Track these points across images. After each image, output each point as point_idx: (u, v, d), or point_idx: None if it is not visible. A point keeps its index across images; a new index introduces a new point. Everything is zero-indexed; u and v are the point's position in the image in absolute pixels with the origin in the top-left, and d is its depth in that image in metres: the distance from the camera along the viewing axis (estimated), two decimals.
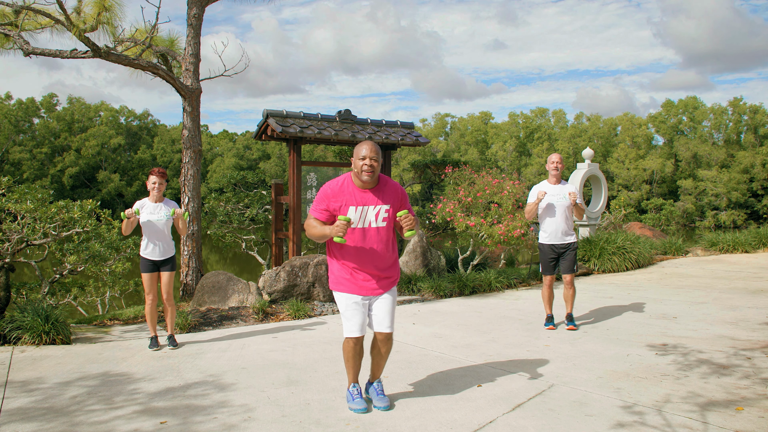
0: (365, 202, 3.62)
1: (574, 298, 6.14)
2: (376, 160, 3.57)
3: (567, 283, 6.09)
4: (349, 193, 3.62)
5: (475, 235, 8.70)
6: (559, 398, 3.94)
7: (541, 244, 6.14)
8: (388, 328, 3.76)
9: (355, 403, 3.75)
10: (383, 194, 3.67)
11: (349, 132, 8.47)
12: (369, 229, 3.65)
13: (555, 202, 5.95)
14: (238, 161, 66.98)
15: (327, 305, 7.43)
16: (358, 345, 3.76)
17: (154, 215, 5.50)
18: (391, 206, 3.68)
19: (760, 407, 3.68)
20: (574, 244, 6.06)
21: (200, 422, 3.60)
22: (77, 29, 7.10)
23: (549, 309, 6.19)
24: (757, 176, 52.13)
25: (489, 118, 72.27)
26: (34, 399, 4.06)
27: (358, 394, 3.82)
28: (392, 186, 3.74)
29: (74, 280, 8.94)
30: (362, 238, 3.65)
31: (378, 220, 3.65)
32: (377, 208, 3.64)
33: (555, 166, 6.00)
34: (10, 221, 6.64)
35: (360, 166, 3.57)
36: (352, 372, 3.85)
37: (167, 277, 5.58)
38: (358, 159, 3.59)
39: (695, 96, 60.11)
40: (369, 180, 3.58)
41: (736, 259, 11.69)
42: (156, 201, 5.58)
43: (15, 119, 62.89)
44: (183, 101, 8.42)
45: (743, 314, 6.58)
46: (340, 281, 3.74)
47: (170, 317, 5.67)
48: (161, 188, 5.58)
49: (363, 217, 3.63)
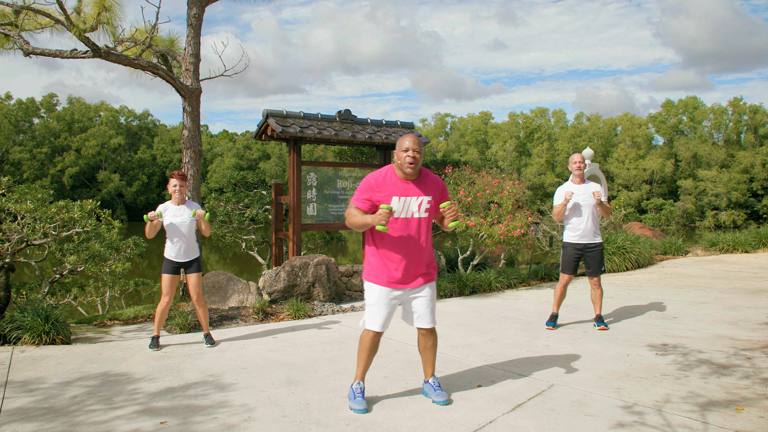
0: (408, 192, 3.69)
1: (602, 298, 6.11)
2: (419, 152, 3.65)
3: (595, 284, 6.06)
4: (392, 183, 3.69)
5: (475, 235, 8.70)
6: (559, 398, 3.94)
7: (566, 243, 6.09)
8: (430, 324, 3.84)
9: (356, 403, 3.76)
10: (425, 186, 3.75)
11: (349, 132, 8.47)
12: (411, 219, 3.71)
13: (581, 201, 5.93)
14: (238, 161, 67.00)
15: (327, 305, 7.43)
16: (376, 339, 3.81)
17: (177, 218, 5.52)
18: (433, 197, 3.76)
19: (760, 407, 3.68)
20: (601, 244, 6.05)
21: (200, 422, 3.60)
22: (77, 29, 7.10)
23: (557, 308, 6.16)
24: (757, 176, 52.13)
25: (489, 118, 72.27)
26: (34, 399, 4.06)
27: (360, 393, 3.82)
28: (433, 178, 3.82)
29: (74, 280, 8.94)
30: (404, 228, 3.71)
31: (420, 211, 3.72)
32: (420, 199, 3.71)
33: (578, 166, 5.98)
34: (10, 221, 6.63)
35: (403, 158, 3.64)
36: (362, 367, 3.86)
37: (195, 279, 5.60)
38: (401, 151, 3.66)
39: (695, 96, 60.14)
40: (412, 172, 3.66)
41: (736, 259, 11.69)
42: (178, 203, 5.59)
43: (15, 119, 62.88)
44: (183, 101, 8.42)
45: (743, 314, 6.58)
46: (376, 272, 3.76)
47: (203, 317, 5.68)
48: (182, 190, 5.58)
49: (406, 207, 3.69)
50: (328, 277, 7.73)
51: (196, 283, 5.61)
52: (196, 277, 5.61)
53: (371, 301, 3.78)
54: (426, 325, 3.84)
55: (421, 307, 3.82)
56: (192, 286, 5.60)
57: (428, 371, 4.00)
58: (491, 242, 8.34)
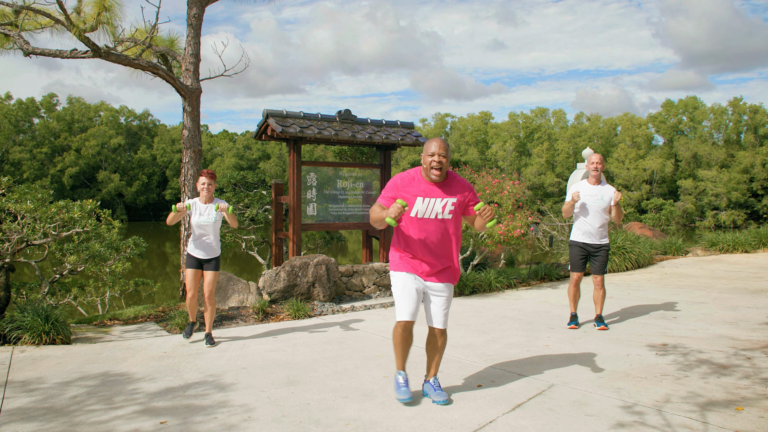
0: (433, 194, 3.73)
1: (604, 299, 6.13)
2: (445, 157, 3.68)
3: (597, 284, 6.08)
4: (418, 184, 3.75)
5: (475, 235, 8.69)
6: (559, 398, 3.94)
7: (572, 242, 6.13)
8: (442, 325, 3.89)
9: (401, 392, 3.83)
10: (451, 188, 3.78)
11: (349, 132, 8.47)
12: (435, 220, 3.74)
13: (591, 202, 5.94)
14: (238, 161, 67.01)
15: (327, 305, 7.43)
16: (407, 331, 3.83)
17: (203, 216, 5.61)
18: (458, 200, 3.78)
19: (760, 407, 3.68)
20: (607, 245, 6.05)
21: (200, 422, 3.60)
22: (77, 29, 7.10)
23: (574, 307, 6.18)
24: (757, 176, 52.13)
25: (489, 118, 72.27)
26: (34, 399, 4.05)
27: (404, 382, 3.87)
28: (460, 181, 3.84)
29: (74, 280, 8.94)
30: (427, 228, 3.74)
31: (444, 212, 3.75)
32: (444, 201, 3.74)
33: (595, 167, 6.01)
34: (10, 221, 6.63)
35: (429, 162, 3.68)
36: (401, 358, 3.91)
37: (211, 276, 5.69)
38: (428, 155, 3.70)
39: (695, 96, 60.17)
40: (437, 177, 3.70)
41: (736, 259, 11.69)
42: (206, 201, 5.65)
43: (15, 119, 62.88)
44: (183, 101, 8.42)
45: (743, 314, 6.58)
46: (399, 264, 3.84)
47: (209, 316, 5.74)
48: (211, 189, 5.64)
49: (430, 208, 3.73)
50: (328, 277, 7.73)
51: (212, 281, 5.69)
52: (212, 275, 5.70)
53: (396, 292, 3.83)
54: (440, 326, 3.89)
55: (437, 307, 3.87)
56: (207, 283, 5.70)
57: (431, 371, 4.02)
58: (491, 242, 8.33)
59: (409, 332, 3.85)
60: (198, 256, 5.68)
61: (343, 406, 3.84)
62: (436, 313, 3.89)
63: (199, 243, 5.66)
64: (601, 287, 6.09)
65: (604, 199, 5.93)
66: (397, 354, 3.92)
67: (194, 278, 5.70)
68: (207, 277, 5.70)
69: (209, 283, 5.69)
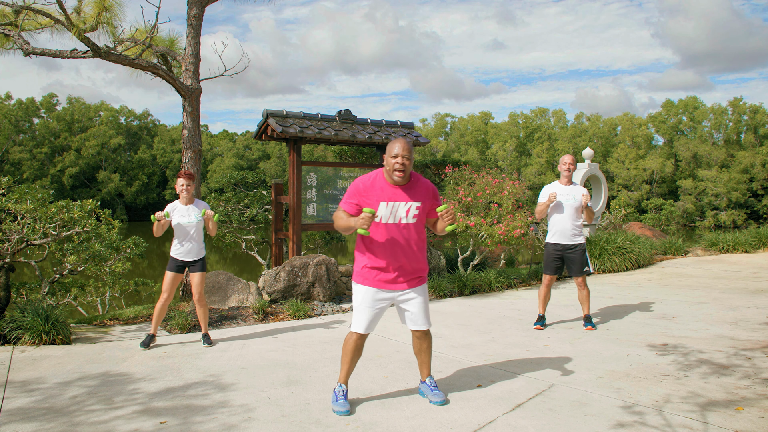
0: (396, 198, 3.66)
1: (589, 298, 6.13)
2: (408, 159, 3.62)
3: (579, 284, 6.09)
4: (381, 188, 3.67)
5: (475, 235, 8.69)
6: (559, 398, 3.94)
7: (547, 243, 6.16)
8: (424, 326, 3.83)
9: (338, 405, 3.73)
10: (414, 191, 3.71)
11: (349, 132, 8.47)
12: (399, 224, 3.68)
13: (564, 202, 5.97)
14: (238, 161, 66.99)
15: (327, 305, 7.43)
16: (360, 342, 3.79)
17: (184, 218, 5.54)
18: (422, 203, 3.72)
19: (760, 407, 3.68)
20: (581, 245, 6.06)
21: (200, 422, 3.60)
22: (77, 29, 7.10)
23: (542, 309, 6.20)
24: (757, 176, 52.13)
25: (489, 118, 72.28)
26: (34, 399, 4.05)
27: (342, 395, 3.79)
28: (423, 183, 3.78)
29: (74, 280, 8.94)
30: (393, 233, 3.68)
31: (408, 216, 3.69)
32: (408, 205, 3.67)
33: (567, 167, 6.02)
34: (10, 221, 6.63)
35: (392, 164, 3.62)
36: (346, 370, 3.84)
37: (198, 278, 5.63)
38: (390, 157, 3.63)
39: (695, 96, 60.16)
40: (400, 179, 3.63)
41: (736, 259, 11.69)
42: (186, 203, 5.60)
43: (15, 119, 62.88)
44: (183, 101, 8.42)
45: (743, 314, 6.58)
46: (363, 274, 3.75)
47: (203, 317, 5.69)
48: (190, 190, 5.59)
49: (394, 212, 3.66)
50: (328, 277, 7.73)
51: (200, 282, 5.64)
52: (199, 277, 5.64)
53: (356, 302, 3.77)
54: (420, 327, 3.83)
55: (414, 309, 3.80)
56: (195, 285, 5.64)
57: (424, 372, 4.00)
58: (491, 242, 8.33)
59: (361, 344, 3.80)
60: (182, 258, 5.58)
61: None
62: (414, 316, 3.81)
63: (182, 245, 5.57)
64: (584, 287, 6.09)
65: (576, 198, 5.95)
66: (344, 364, 3.83)
67: (172, 282, 5.58)
68: (194, 279, 5.62)
69: (197, 285, 5.62)
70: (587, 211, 5.98)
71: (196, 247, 5.63)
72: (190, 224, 5.54)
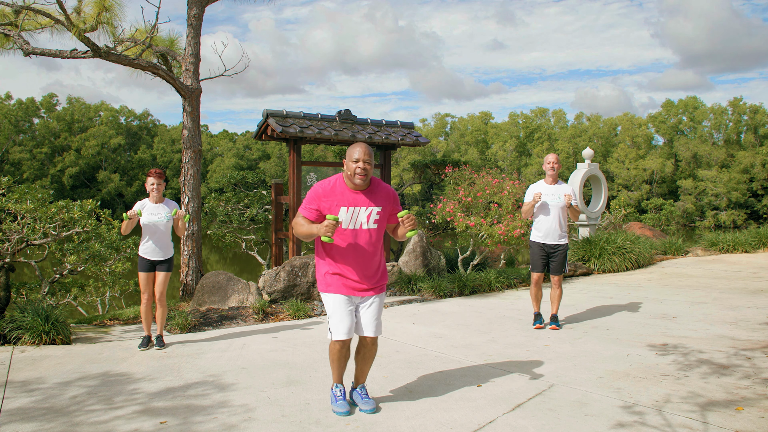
0: (357, 203, 3.59)
1: (560, 299, 6.18)
2: (369, 163, 3.55)
3: (555, 283, 6.13)
4: (341, 193, 3.59)
5: (475, 235, 8.70)
6: (559, 398, 3.94)
7: (532, 242, 6.17)
8: (374, 333, 3.72)
9: (338, 405, 3.72)
10: (375, 196, 3.65)
11: (349, 132, 8.47)
12: (360, 230, 3.62)
13: (550, 202, 5.97)
14: (238, 161, 66.97)
15: None
16: (345, 348, 3.70)
17: (154, 216, 5.52)
18: (383, 208, 3.66)
19: (760, 407, 3.68)
20: (565, 245, 6.08)
21: (200, 422, 3.60)
22: (77, 29, 7.10)
23: (537, 307, 6.23)
24: (757, 176, 52.14)
25: (489, 118, 72.29)
26: (34, 399, 4.06)
27: (341, 395, 3.78)
28: (384, 188, 3.72)
29: (74, 280, 8.94)
30: (352, 239, 3.61)
31: (369, 222, 3.62)
32: (369, 210, 3.61)
33: (552, 166, 6.03)
34: (10, 221, 6.64)
35: (353, 169, 3.54)
36: (337, 372, 3.81)
37: (162, 277, 5.59)
38: (351, 161, 3.56)
39: (695, 96, 60.16)
40: (362, 183, 3.57)
41: (736, 259, 11.69)
42: (156, 202, 5.60)
43: (15, 119, 62.90)
44: (183, 101, 8.42)
45: (743, 314, 6.58)
46: (329, 283, 3.67)
47: (161, 317, 5.65)
48: (160, 189, 5.60)
49: (354, 218, 3.59)
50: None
51: (163, 282, 5.59)
52: (164, 276, 5.59)
53: (330, 311, 3.67)
54: (372, 334, 3.72)
55: (368, 316, 3.70)
56: (158, 284, 5.59)
57: (360, 379, 3.89)
58: (491, 242, 8.33)
59: (347, 349, 3.72)
60: (150, 257, 5.55)
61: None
62: (367, 321, 3.71)
63: (150, 244, 5.53)
64: (558, 287, 6.12)
65: (561, 198, 5.95)
66: (334, 369, 3.79)
67: (148, 282, 5.56)
68: (159, 278, 5.58)
69: (161, 284, 5.58)
70: (572, 211, 5.98)
71: (164, 246, 5.59)
72: (159, 222, 5.51)
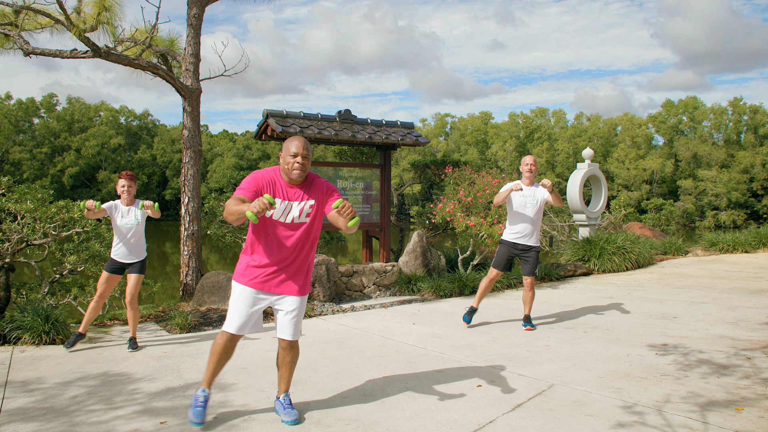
0: (291, 197, 3.52)
1: (532, 300, 6.15)
2: (307, 158, 3.48)
3: (527, 285, 6.09)
4: (277, 186, 3.52)
5: (475, 235, 8.70)
6: (559, 398, 3.94)
7: (503, 241, 6.14)
8: (293, 336, 3.60)
9: (194, 412, 3.50)
10: (309, 190, 3.57)
11: (349, 132, 8.47)
12: (291, 224, 3.53)
13: (527, 203, 5.96)
14: (238, 161, 67.01)
15: (327, 305, 7.43)
16: (231, 343, 3.55)
17: (124, 219, 5.46)
18: (316, 201, 3.57)
19: (760, 407, 3.68)
20: (537, 248, 6.06)
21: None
22: (77, 29, 7.10)
23: (477, 302, 6.22)
24: (757, 176, 52.16)
25: (489, 118, 72.33)
26: (34, 399, 4.06)
27: (203, 401, 3.55)
28: (319, 182, 3.62)
29: (74, 280, 8.93)
30: (282, 233, 3.53)
31: (302, 216, 3.54)
32: (302, 204, 3.53)
33: (529, 168, 5.99)
34: (10, 221, 6.64)
35: (291, 164, 3.46)
36: (211, 371, 3.59)
37: (134, 279, 5.52)
38: (289, 155, 3.46)
39: (695, 96, 60.24)
40: (298, 178, 3.50)
41: (736, 259, 11.69)
42: (127, 204, 5.52)
43: (15, 119, 62.93)
44: (183, 101, 8.42)
45: (743, 314, 6.58)
46: (245, 273, 3.54)
47: (133, 320, 5.57)
48: (131, 191, 5.50)
49: (287, 211, 3.51)
50: (328, 277, 7.73)
51: (135, 284, 5.53)
52: (136, 278, 5.53)
53: (231, 300, 3.54)
54: (288, 337, 3.60)
55: (288, 318, 3.58)
56: (130, 286, 5.53)
57: (282, 387, 3.74)
58: (491, 242, 8.33)
59: (232, 345, 3.56)
60: (121, 260, 5.49)
61: (343, 406, 3.83)
62: (284, 322, 3.58)
63: (122, 247, 5.48)
64: (531, 289, 6.09)
65: (537, 199, 5.94)
66: (210, 367, 3.58)
67: (107, 282, 5.48)
68: (130, 280, 5.52)
69: (132, 286, 5.51)
70: (554, 196, 5.84)
71: (136, 249, 5.54)
72: (130, 225, 5.45)
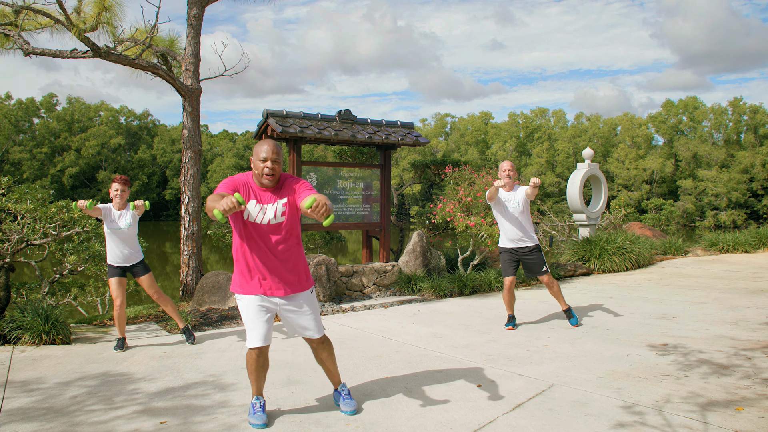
0: (264, 200, 3.52)
1: (560, 293, 6.16)
2: (278, 162, 3.46)
3: (546, 284, 6.11)
4: (253, 191, 3.52)
5: (475, 235, 8.69)
6: (559, 398, 3.94)
7: (501, 248, 6.22)
8: (317, 333, 3.64)
9: (255, 418, 3.55)
10: (282, 191, 3.56)
11: (349, 132, 8.47)
12: (269, 225, 3.52)
13: (509, 207, 6.01)
14: (238, 161, 66.96)
15: (327, 305, 7.43)
16: (262, 356, 3.56)
17: (115, 223, 5.46)
18: (287, 198, 3.55)
19: (760, 407, 3.68)
20: (535, 246, 6.07)
21: (200, 422, 3.60)
22: (77, 29, 7.10)
23: (510, 310, 6.24)
24: (757, 176, 52.16)
25: (489, 118, 72.33)
26: (34, 399, 4.06)
27: (260, 407, 3.61)
28: (290, 181, 3.59)
29: (74, 280, 8.94)
30: (264, 235, 3.52)
31: (277, 216, 3.52)
32: (275, 204, 3.52)
33: (507, 174, 6.02)
34: (10, 221, 6.64)
35: (261, 169, 3.44)
36: (256, 385, 3.67)
37: (147, 280, 5.55)
38: (258, 161, 3.45)
39: (695, 96, 60.23)
40: (269, 183, 3.49)
41: (736, 259, 11.69)
42: (120, 208, 5.52)
43: (15, 119, 62.96)
44: (183, 101, 8.42)
45: (743, 314, 6.58)
46: (241, 283, 3.55)
47: (172, 311, 5.63)
48: (124, 195, 5.52)
49: (263, 214, 3.50)
50: (328, 277, 7.73)
51: (150, 284, 5.56)
52: (147, 278, 5.56)
53: (244, 316, 3.54)
54: (315, 335, 3.64)
55: (304, 318, 3.61)
56: (147, 287, 5.56)
57: (333, 381, 3.84)
58: (491, 242, 8.33)
59: (264, 357, 3.57)
60: (120, 264, 5.50)
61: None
62: (302, 322, 3.62)
63: (117, 251, 5.47)
64: (552, 285, 6.10)
65: (518, 201, 5.97)
66: (253, 380, 3.64)
67: (118, 286, 5.48)
68: (143, 282, 5.55)
69: (149, 287, 5.54)
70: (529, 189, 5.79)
71: (132, 252, 5.53)
72: (122, 229, 5.44)
